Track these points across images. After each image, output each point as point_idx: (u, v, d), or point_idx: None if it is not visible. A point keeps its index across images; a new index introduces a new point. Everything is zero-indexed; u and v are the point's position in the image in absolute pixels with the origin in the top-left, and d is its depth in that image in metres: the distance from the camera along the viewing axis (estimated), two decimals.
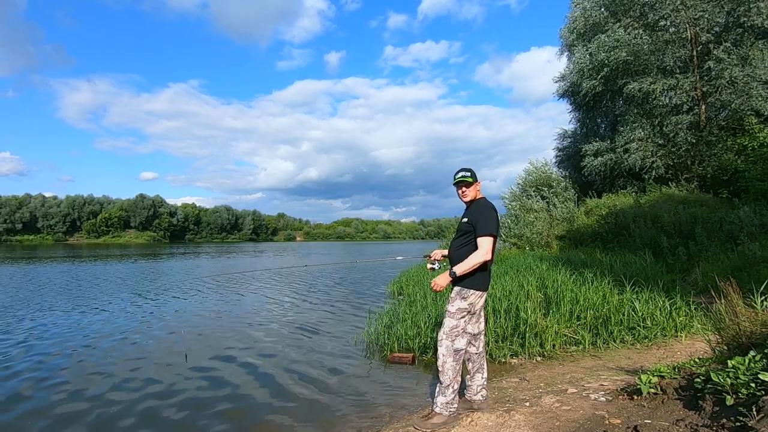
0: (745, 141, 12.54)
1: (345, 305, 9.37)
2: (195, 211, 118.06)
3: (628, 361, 4.39)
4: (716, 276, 4.79)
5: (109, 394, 4.23)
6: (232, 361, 5.32)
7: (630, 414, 2.64)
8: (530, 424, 2.84)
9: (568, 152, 20.12)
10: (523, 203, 16.02)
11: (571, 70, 17.05)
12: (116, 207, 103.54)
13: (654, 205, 11.79)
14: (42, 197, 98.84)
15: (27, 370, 5.02)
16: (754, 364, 2.35)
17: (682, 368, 2.88)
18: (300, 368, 4.97)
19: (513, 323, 5.04)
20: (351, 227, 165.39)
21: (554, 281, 6.19)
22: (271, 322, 7.62)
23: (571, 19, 17.31)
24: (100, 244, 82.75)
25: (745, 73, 12.44)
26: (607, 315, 5.26)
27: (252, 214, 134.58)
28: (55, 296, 10.81)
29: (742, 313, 3.00)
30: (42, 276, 16.12)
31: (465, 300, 3.03)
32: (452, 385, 2.99)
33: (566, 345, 5.04)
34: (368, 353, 5.51)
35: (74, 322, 7.68)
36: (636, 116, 14.81)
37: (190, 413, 3.78)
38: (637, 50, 13.85)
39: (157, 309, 9.01)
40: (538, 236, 14.09)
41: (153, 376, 4.74)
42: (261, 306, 9.43)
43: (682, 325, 5.25)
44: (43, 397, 4.20)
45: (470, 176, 3.13)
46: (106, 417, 3.73)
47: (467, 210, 3.18)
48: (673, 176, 14.32)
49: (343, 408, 3.81)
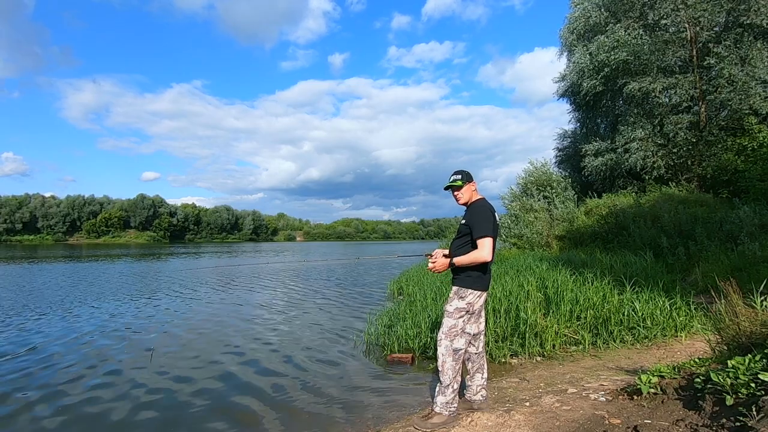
0: (744, 141, 12.55)
1: (345, 305, 9.37)
2: (195, 211, 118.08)
3: (628, 361, 4.39)
4: (716, 276, 4.79)
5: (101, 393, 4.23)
6: (231, 360, 5.32)
7: (630, 414, 2.63)
8: (530, 424, 2.84)
9: (568, 152, 20.12)
10: (522, 203, 16.00)
11: (571, 71, 17.04)
12: (116, 207, 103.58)
13: (654, 205, 11.78)
14: (42, 197, 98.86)
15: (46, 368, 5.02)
16: (754, 364, 2.35)
17: (682, 368, 2.88)
18: (299, 368, 4.98)
19: (513, 323, 5.04)
20: (351, 227, 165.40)
21: (554, 281, 6.18)
22: (271, 322, 7.62)
23: (571, 19, 17.30)
24: (100, 244, 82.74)
25: (745, 72, 12.44)
26: (607, 315, 5.26)
27: (252, 214, 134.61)
28: (54, 296, 10.81)
29: (742, 313, 3.00)
30: (44, 275, 16.13)
31: (463, 300, 3.04)
32: (452, 384, 2.99)
33: (566, 345, 5.04)
34: (368, 353, 5.51)
35: (69, 322, 7.69)
36: (636, 116, 14.80)
37: (188, 413, 3.78)
38: (637, 50, 13.84)
39: (156, 309, 9.01)
40: (538, 236, 14.08)
41: (155, 376, 4.74)
42: (261, 305, 9.43)
43: (682, 325, 5.25)
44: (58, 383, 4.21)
45: (460, 180, 3.14)
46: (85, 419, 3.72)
47: (465, 212, 3.19)
48: (673, 176, 14.31)
49: (343, 408, 3.81)
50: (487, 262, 2.96)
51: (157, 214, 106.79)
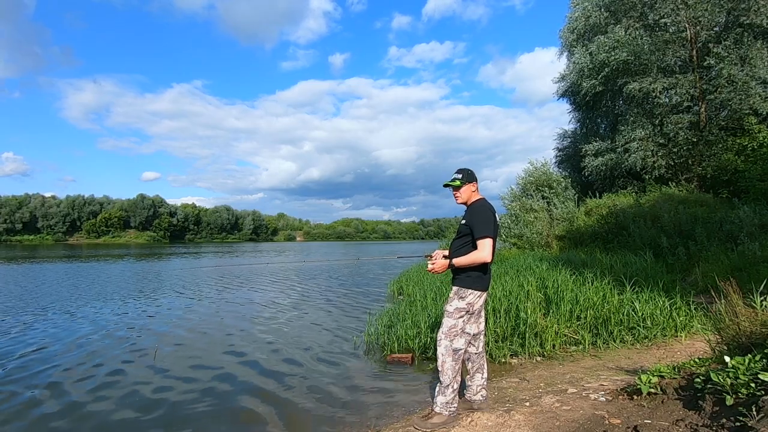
0: (744, 141, 12.55)
1: (345, 305, 9.37)
2: (195, 211, 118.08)
3: (628, 361, 4.39)
4: (716, 276, 4.79)
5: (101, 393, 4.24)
6: (231, 360, 5.32)
7: (630, 414, 2.63)
8: (530, 424, 2.84)
9: (568, 152, 20.10)
10: (522, 203, 16.00)
11: (571, 70, 17.04)
12: (116, 207, 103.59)
13: (654, 205, 11.78)
14: (42, 197, 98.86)
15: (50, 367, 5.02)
16: (754, 364, 2.35)
17: (682, 368, 2.88)
18: (299, 368, 4.98)
19: (513, 323, 5.04)
20: (351, 227, 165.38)
21: (554, 281, 6.18)
22: (271, 322, 7.62)
23: (571, 19, 17.30)
24: (100, 244, 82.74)
25: (745, 72, 12.44)
26: (607, 315, 5.26)
27: (252, 214, 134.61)
28: (52, 296, 10.81)
29: (742, 313, 3.00)
30: (46, 275, 16.14)
31: (463, 300, 3.03)
32: (452, 384, 2.99)
33: (566, 345, 5.04)
34: (368, 353, 5.51)
35: (65, 320, 7.70)
36: (636, 116, 14.79)
37: (186, 413, 3.78)
38: (637, 50, 13.84)
39: (157, 309, 9.01)
40: (538, 236, 14.07)
41: (157, 375, 4.75)
42: (261, 305, 9.43)
43: (682, 325, 5.25)
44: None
45: (459, 180, 3.13)
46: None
47: (466, 212, 3.18)
48: (673, 176, 14.31)
49: (343, 408, 3.81)
50: (487, 262, 2.96)
51: (157, 214, 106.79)
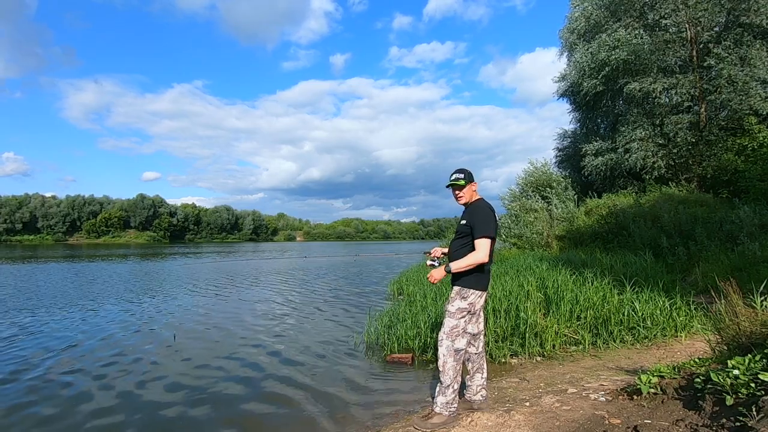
0: (744, 141, 12.55)
1: (345, 305, 9.37)
2: (195, 211, 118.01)
3: (628, 361, 4.39)
4: (716, 276, 4.80)
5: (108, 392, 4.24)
6: (230, 360, 5.32)
7: (630, 414, 2.64)
8: (530, 424, 2.84)
9: (568, 152, 20.11)
10: (522, 203, 16.00)
11: (571, 70, 17.04)
12: (116, 207, 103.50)
13: (654, 205, 11.78)
14: (42, 197, 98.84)
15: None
16: (754, 364, 2.35)
17: (682, 368, 2.88)
18: (299, 368, 4.97)
19: (513, 323, 5.04)
20: (351, 227, 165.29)
21: (554, 281, 6.18)
22: (271, 322, 7.62)
23: (571, 19, 17.30)
24: (100, 244, 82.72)
25: (745, 72, 12.45)
26: (607, 315, 5.26)
27: (252, 214, 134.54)
28: (53, 296, 10.82)
29: (742, 313, 3.00)
30: (54, 275, 16.13)
31: (465, 300, 3.03)
32: (452, 385, 2.99)
33: (566, 345, 5.04)
34: (368, 353, 5.51)
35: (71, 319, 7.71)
36: (636, 116, 14.81)
37: (185, 413, 3.78)
38: (638, 50, 13.85)
39: (155, 308, 9.01)
40: (538, 236, 14.07)
41: (157, 378, 4.75)
42: (261, 305, 9.43)
43: (682, 325, 5.25)
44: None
45: (463, 179, 3.11)
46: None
47: (465, 212, 3.18)
48: (673, 176, 14.32)
49: (343, 408, 3.81)
50: (484, 263, 2.96)
51: (157, 214, 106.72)
